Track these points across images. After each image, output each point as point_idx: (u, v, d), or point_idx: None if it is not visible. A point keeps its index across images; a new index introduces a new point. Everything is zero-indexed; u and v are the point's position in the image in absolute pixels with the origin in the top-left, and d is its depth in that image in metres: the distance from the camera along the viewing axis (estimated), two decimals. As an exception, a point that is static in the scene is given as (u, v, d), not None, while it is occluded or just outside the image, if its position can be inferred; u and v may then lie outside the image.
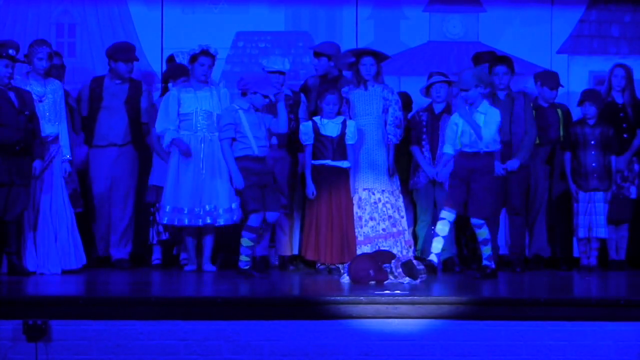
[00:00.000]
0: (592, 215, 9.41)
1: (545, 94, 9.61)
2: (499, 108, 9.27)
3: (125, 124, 9.58)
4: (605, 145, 9.41)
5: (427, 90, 9.36)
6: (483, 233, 8.42)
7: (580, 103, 9.46)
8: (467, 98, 8.42)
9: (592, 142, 9.40)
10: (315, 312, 6.88)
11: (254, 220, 8.62)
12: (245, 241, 8.58)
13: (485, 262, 8.49)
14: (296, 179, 9.40)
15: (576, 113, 9.71)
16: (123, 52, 9.54)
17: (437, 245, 8.45)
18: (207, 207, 9.02)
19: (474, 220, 8.41)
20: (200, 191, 9.02)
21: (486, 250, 8.47)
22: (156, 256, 9.72)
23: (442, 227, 8.45)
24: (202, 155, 9.07)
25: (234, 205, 9.11)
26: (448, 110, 9.26)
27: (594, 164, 9.40)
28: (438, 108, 9.31)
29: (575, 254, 9.68)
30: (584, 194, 9.42)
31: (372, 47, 9.51)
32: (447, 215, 8.46)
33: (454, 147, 8.51)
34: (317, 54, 9.59)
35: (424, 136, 9.27)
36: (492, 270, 8.47)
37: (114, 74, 9.59)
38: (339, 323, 6.85)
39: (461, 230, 9.31)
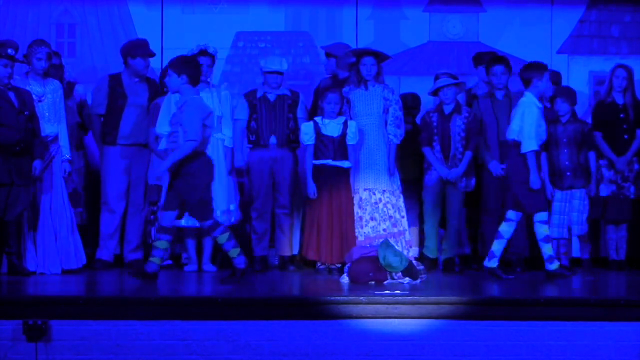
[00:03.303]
0: (570, 213, 9.36)
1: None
2: (498, 108, 9.28)
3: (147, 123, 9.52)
4: (579, 142, 9.36)
5: (435, 91, 9.31)
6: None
7: (551, 100, 9.41)
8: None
9: (564, 140, 9.35)
10: (315, 312, 6.88)
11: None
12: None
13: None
14: (296, 178, 9.39)
15: (578, 113, 9.70)
16: (140, 48, 9.45)
17: (498, 247, 8.52)
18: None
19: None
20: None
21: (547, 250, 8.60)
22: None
23: (508, 229, 8.50)
24: (202, 156, 9.06)
25: (232, 207, 9.11)
26: (458, 110, 9.20)
27: (567, 162, 9.37)
28: (448, 109, 9.23)
29: (575, 254, 9.67)
30: (560, 192, 9.38)
31: (373, 47, 9.49)
32: (513, 216, 8.54)
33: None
34: (328, 54, 9.62)
35: (435, 137, 9.21)
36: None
37: (131, 72, 9.49)
38: (338, 323, 6.85)
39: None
